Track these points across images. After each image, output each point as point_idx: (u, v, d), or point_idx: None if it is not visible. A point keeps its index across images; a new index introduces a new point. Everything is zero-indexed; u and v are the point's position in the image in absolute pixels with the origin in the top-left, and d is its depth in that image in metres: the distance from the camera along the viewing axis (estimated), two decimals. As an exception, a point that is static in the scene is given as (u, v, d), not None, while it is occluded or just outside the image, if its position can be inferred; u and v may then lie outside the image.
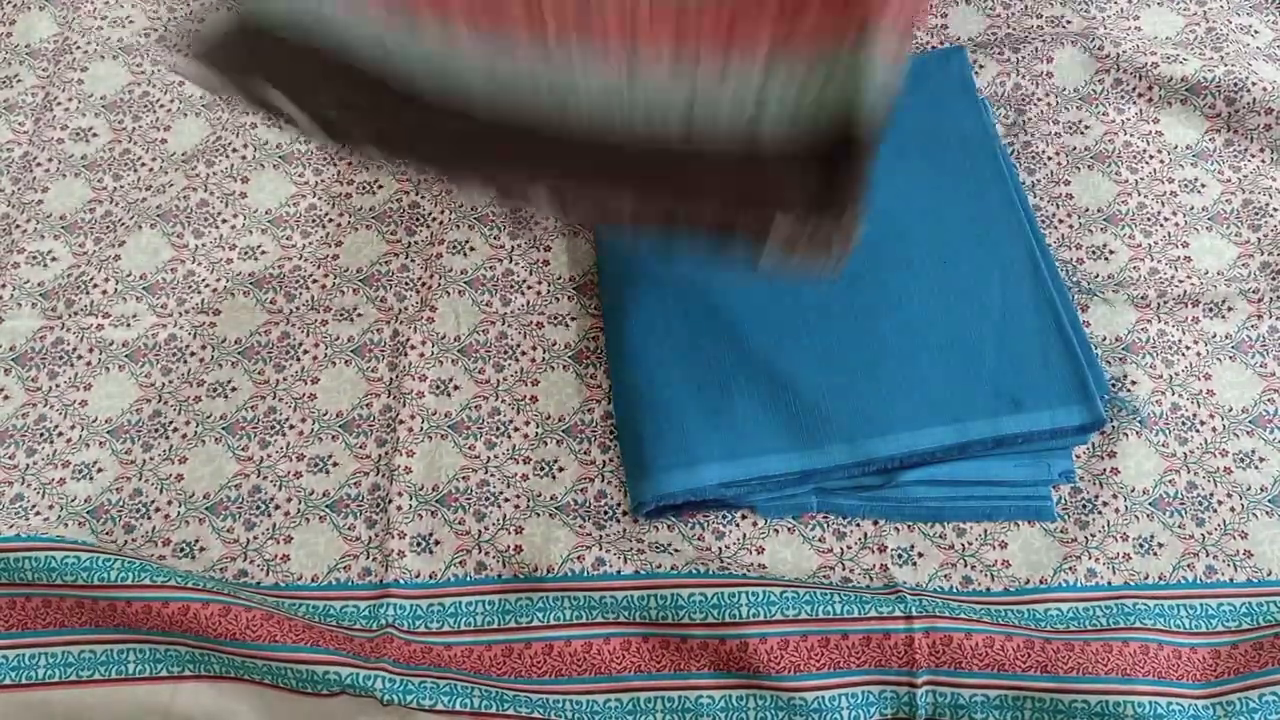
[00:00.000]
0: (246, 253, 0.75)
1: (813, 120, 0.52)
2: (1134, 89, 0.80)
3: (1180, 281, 0.72)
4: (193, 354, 0.71)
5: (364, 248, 0.75)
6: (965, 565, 0.64)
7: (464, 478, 0.67)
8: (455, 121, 0.54)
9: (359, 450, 0.68)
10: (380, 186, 0.78)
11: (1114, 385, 0.69)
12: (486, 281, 0.74)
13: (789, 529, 0.65)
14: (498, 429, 0.68)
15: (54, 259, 0.75)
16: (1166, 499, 0.65)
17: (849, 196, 0.50)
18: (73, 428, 0.68)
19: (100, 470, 0.67)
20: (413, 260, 0.75)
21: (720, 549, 0.64)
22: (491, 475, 0.67)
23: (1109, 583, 0.63)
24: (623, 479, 0.66)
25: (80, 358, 0.71)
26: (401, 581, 0.63)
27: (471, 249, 0.75)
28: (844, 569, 0.64)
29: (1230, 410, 0.68)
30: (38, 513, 0.65)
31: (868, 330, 0.68)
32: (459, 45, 0.53)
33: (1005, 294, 0.69)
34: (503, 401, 0.69)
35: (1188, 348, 0.70)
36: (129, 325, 0.72)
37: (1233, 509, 0.65)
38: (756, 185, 0.52)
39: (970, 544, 0.65)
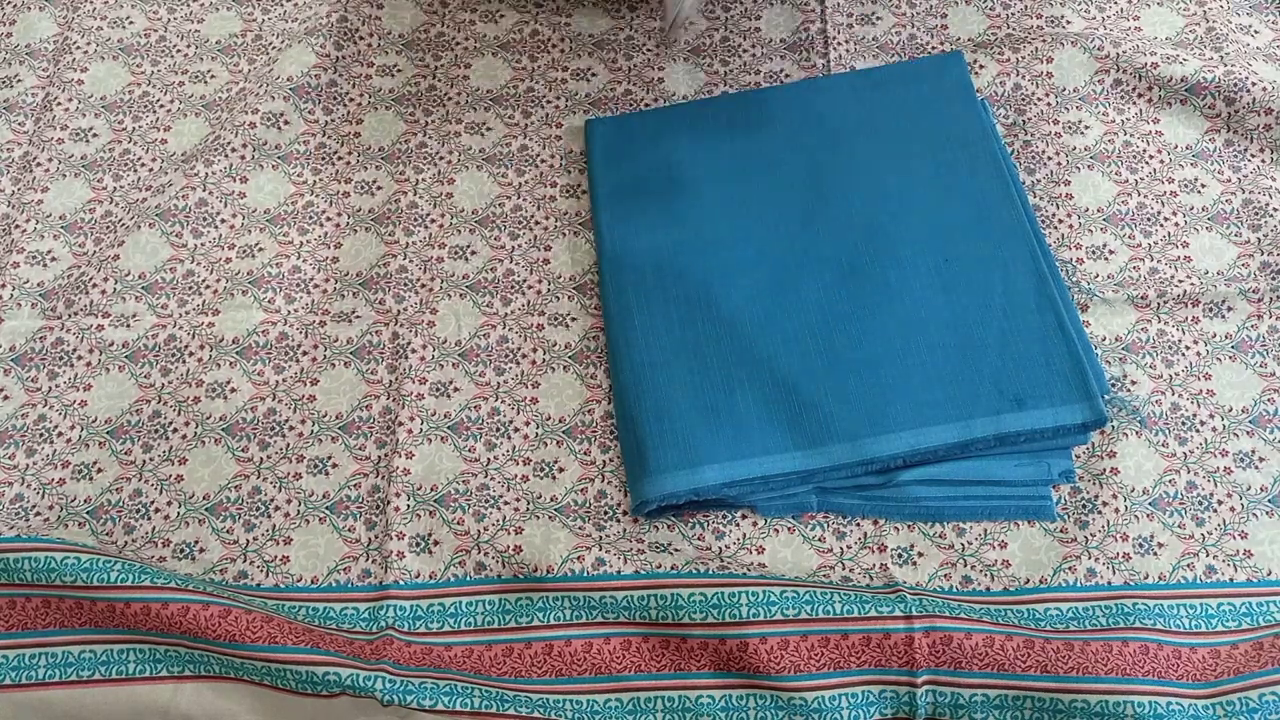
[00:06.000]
0: (245, 252, 0.75)
1: None
2: (1134, 89, 0.80)
3: (1180, 281, 0.72)
4: (192, 354, 0.71)
5: (363, 249, 0.75)
6: (965, 565, 0.64)
7: (464, 480, 0.67)
8: None
9: (358, 452, 0.68)
10: (379, 188, 0.78)
11: (1114, 385, 0.69)
12: (487, 284, 0.74)
13: (789, 529, 0.65)
14: (497, 430, 0.68)
15: (54, 259, 0.75)
16: (1166, 499, 0.65)
17: None
18: (73, 428, 0.68)
19: (100, 470, 0.67)
20: (411, 262, 0.75)
21: (720, 549, 0.64)
22: (491, 477, 0.67)
23: (1109, 583, 0.63)
24: (623, 479, 0.67)
25: (80, 358, 0.71)
26: (401, 583, 0.63)
27: (473, 253, 0.75)
28: (844, 569, 0.64)
29: (1230, 410, 0.68)
30: (38, 513, 0.65)
31: (869, 329, 0.68)
32: None
33: (1006, 293, 0.69)
34: (502, 402, 0.69)
35: (1188, 348, 0.70)
36: (129, 325, 0.72)
37: (1233, 509, 0.65)
38: None
39: (970, 544, 0.65)
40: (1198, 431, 0.67)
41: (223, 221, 0.76)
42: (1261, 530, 0.64)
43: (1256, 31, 0.83)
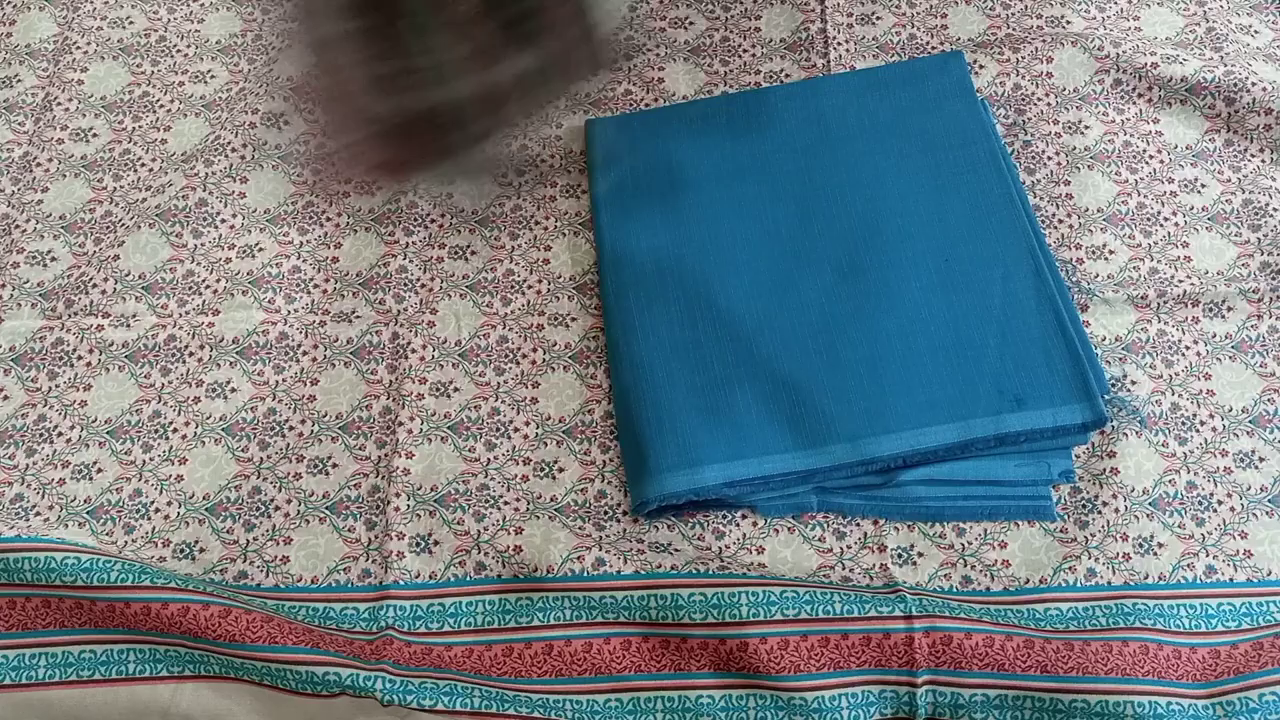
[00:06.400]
0: (245, 252, 0.75)
1: None
2: (1134, 89, 0.80)
3: (1180, 281, 0.72)
4: (191, 354, 0.71)
5: (363, 249, 0.75)
6: (965, 565, 0.64)
7: (463, 480, 0.67)
8: None
9: (358, 452, 0.68)
10: (379, 187, 0.78)
11: (1114, 385, 0.69)
12: (487, 284, 0.74)
13: (789, 529, 0.65)
14: (497, 430, 0.68)
15: (54, 259, 0.75)
16: (1166, 499, 0.65)
17: None
18: (73, 428, 0.68)
19: (100, 470, 0.67)
20: (411, 262, 0.75)
21: (720, 549, 0.64)
22: (491, 477, 0.67)
23: (1109, 583, 0.63)
24: (623, 479, 0.67)
25: (80, 358, 0.71)
26: (401, 583, 0.63)
27: (473, 252, 0.75)
28: (844, 569, 0.64)
29: (1230, 410, 0.68)
30: (38, 513, 0.65)
31: (869, 329, 0.68)
32: None
33: (1006, 293, 0.69)
34: (502, 402, 0.69)
35: (1188, 348, 0.70)
36: (129, 325, 0.72)
37: (1233, 509, 0.65)
38: None
39: (970, 544, 0.65)
40: (1198, 431, 0.67)
41: (223, 221, 0.76)
42: (1261, 530, 0.64)
43: (1256, 31, 0.83)
